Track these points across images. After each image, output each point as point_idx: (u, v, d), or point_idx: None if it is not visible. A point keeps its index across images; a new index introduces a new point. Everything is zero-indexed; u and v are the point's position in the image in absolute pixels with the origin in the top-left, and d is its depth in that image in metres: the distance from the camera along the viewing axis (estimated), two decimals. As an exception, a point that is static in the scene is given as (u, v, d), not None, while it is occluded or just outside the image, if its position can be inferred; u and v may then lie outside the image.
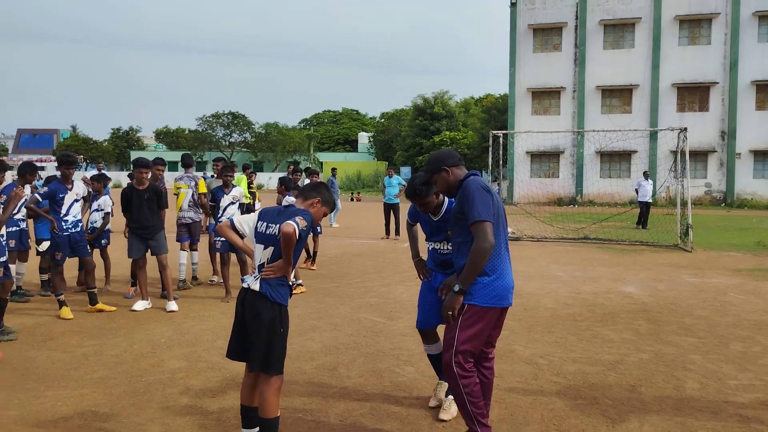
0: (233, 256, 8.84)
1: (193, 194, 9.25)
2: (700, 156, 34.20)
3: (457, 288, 3.54)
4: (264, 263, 3.61)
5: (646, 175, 20.16)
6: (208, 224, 9.80)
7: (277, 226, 3.56)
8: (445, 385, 4.52)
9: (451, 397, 4.38)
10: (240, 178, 12.48)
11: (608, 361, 5.65)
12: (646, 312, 7.66)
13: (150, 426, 4.16)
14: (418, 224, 4.65)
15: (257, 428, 3.55)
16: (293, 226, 3.41)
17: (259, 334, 3.54)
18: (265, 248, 3.63)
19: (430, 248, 4.57)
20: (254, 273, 3.67)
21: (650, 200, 19.25)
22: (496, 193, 3.77)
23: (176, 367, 5.40)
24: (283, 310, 3.61)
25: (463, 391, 3.59)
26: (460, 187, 3.68)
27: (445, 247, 4.42)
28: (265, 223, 3.67)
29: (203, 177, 10.11)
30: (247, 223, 3.78)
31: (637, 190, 19.69)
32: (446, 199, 4.36)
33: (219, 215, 8.58)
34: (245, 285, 3.65)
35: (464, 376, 3.61)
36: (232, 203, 8.61)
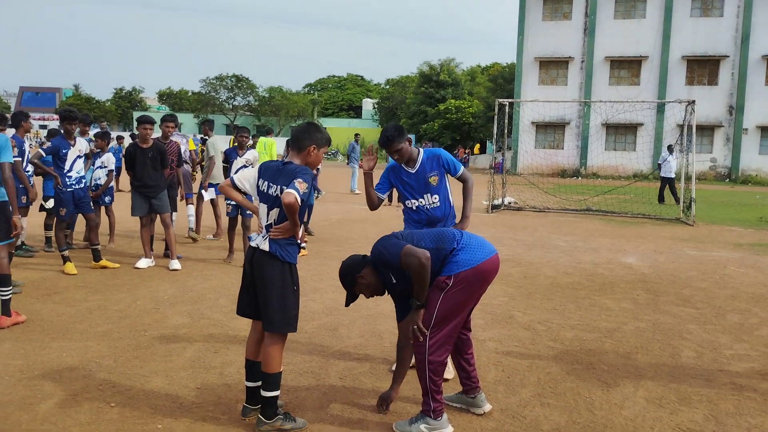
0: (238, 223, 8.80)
1: (183, 151, 9.51)
2: (706, 130, 33.96)
3: (415, 305, 3.51)
4: (271, 224, 3.55)
5: (670, 149, 18.86)
6: (206, 184, 9.97)
7: (278, 186, 3.49)
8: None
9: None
10: (271, 142, 12.12)
11: (606, 329, 5.71)
12: (646, 283, 7.71)
13: (153, 378, 4.23)
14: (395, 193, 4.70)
15: (260, 382, 3.61)
16: (293, 194, 3.30)
17: (271, 294, 3.51)
18: (270, 209, 3.56)
19: (415, 207, 4.51)
20: (261, 232, 3.60)
21: (674, 176, 18.40)
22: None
23: (179, 323, 5.47)
24: (293, 269, 3.59)
25: (427, 367, 3.51)
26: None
27: (431, 201, 4.49)
28: (266, 182, 3.58)
29: (192, 137, 10.69)
30: (247, 180, 3.73)
31: (660, 165, 18.73)
32: (421, 150, 4.57)
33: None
34: (253, 244, 3.59)
35: (434, 354, 3.50)
36: (245, 166, 8.19)
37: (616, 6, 35.31)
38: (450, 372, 4.36)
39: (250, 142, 10.19)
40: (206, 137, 10.75)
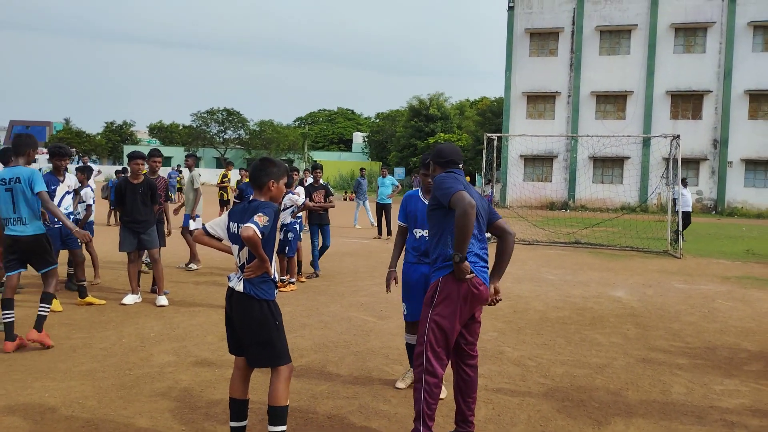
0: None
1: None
2: (692, 164, 34.41)
3: (457, 258, 3.56)
4: (243, 264, 3.58)
5: (684, 183, 18.05)
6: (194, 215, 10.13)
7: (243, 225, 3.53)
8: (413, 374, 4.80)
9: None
10: None
11: (596, 365, 5.69)
12: (635, 317, 7.71)
13: (138, 419, 4.15)
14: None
15: (245, 422, 3.55)
16: (252, 228, 3.35)
17: (253, 333, 3.53)
18: (240, 249, 3.59)
19: (418, 236, 4.78)
20: (237, 273, 3.64)
21: (690, 209, 17.75)
22: (476, 191, 3.87)
23: (165, 362, 5.40)
24: (272, 305, 3.60)
25: (423, 387, 3.61)
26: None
27: None
28: (235, 223, 3.62)
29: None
30: (219, 225, 3.76)
31: (675, 200, 17.84)
32: None
33: None
34: (231, 284, 3.64)
35: (430, 372, 3.62)
36: None
37: (601, 42, 36.11)
38: (444, 392, 4.55)
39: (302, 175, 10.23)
40: (187, 169, 10.93)
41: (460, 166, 3.94)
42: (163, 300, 7.57)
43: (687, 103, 35.25)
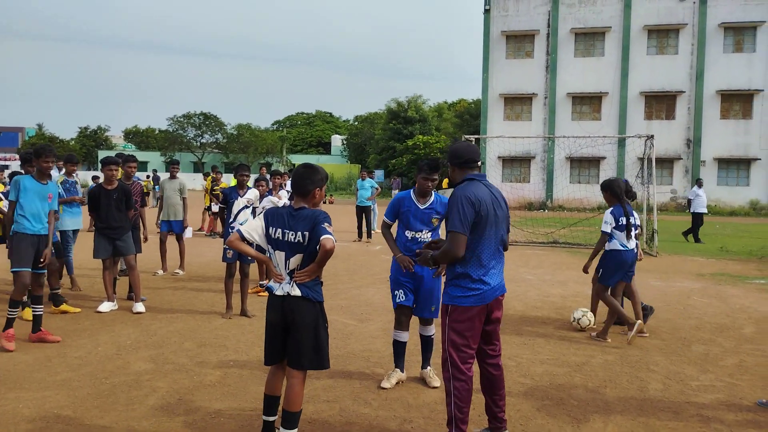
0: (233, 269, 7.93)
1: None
2: (666, 163, 34.96)
3: (431, 258, 3.85)
4: (295, 269, 3.65)
5: (699, 184, 18.30)
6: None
7: (299, 232, 3.59)
8: (399, 374, 5.06)
9: (430, 367, 5.10)
10: None
11: (575, 363, 5.74)
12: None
13: (114, 428, 4.09)
14: (397, 218, 5.06)
15: (276, 416, 3.79)
16: (332, 240, 3.52)
17: (307, 335, 3.63)
18: (290, 255, 3.64)
19: (408, 237, 4.92)
20: (284, 280, 3.68)
21: (706, 211, 17.82)
22: (496, 200, 3.86)
23: (142, 369, 5.32)
24: (323, 307, 3.76)
25: (452, 393, 3.69)
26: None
27: (426, 236, 4.89)
28: (279, 229, 3.65)
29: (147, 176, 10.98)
30: (255, 231, 3.75)
31: (689, 201, 18.00)
32: (434, 194, 4.93)
33: (230, 219, 7.75)
34: (280, 292, 3.67)
35: (457, 378, 3.70)
36: (246, 207, 7.79)
37: (576, 45, 36.54)
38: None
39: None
40: (168, 175, 10.89)
41: (479, 163, 3.95)
42: (140, 307, 7.47)
43: (660, 103, 35.83)
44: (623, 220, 6.63)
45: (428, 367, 5.15)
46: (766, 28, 33.92)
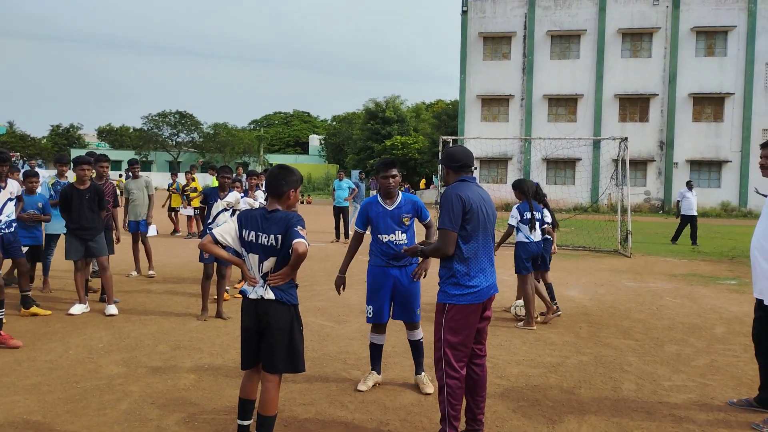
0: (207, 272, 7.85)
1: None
2: (639, 165, 35.50)
3: (420, 251, 4.08)
4: (268, 272, 3.61)
5: (690, 186, 18.08)
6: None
7: (271, 235, 3.56)
8: (375, 376, 5.05)
9: (424, 373, 5.06)
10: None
11: (550, 364, 5.78)
12: (587, 315, 7.88)
13: (85, 434, 4.01)
14: (368, 227, 4.99)
15: (251, 420, 3.74)
16: (305, 244, 3.48)
17: (281, 338, 3.60)
18: (264, 258, 3.60)
19: (384, 241, 4.86)
20: (258, 283, 3.64)
21: (696, 213, 17.67)
22: (485, 202, 3.91)
23: (114, 373, 5.23)
24: (297, 309, 3.71)
25: (446, 390, 3.74)
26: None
27: (400, 238, 4.85)
28: (252, 232, 3.62)
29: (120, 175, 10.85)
30: (228, 233, 3.71)
31: (679, 202, 17.88)
32: (401, 194, 4.92)
33: (209, 221, 7.60)
34: (253, 296, 3.63)
35: (451, 375, 3.76)
36: (226, 209, 7.63)
37: (552, 47, 36.93)
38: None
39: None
40: (132, 175, 10.71)
41: (473, 168, 4.02)
42: (112, 309, 7.35)
43: (634, 106, 36.38)
44: (527, 215, 7.56)
45: (422, 373, 5.06)
46: (737, 33, 34.65)
